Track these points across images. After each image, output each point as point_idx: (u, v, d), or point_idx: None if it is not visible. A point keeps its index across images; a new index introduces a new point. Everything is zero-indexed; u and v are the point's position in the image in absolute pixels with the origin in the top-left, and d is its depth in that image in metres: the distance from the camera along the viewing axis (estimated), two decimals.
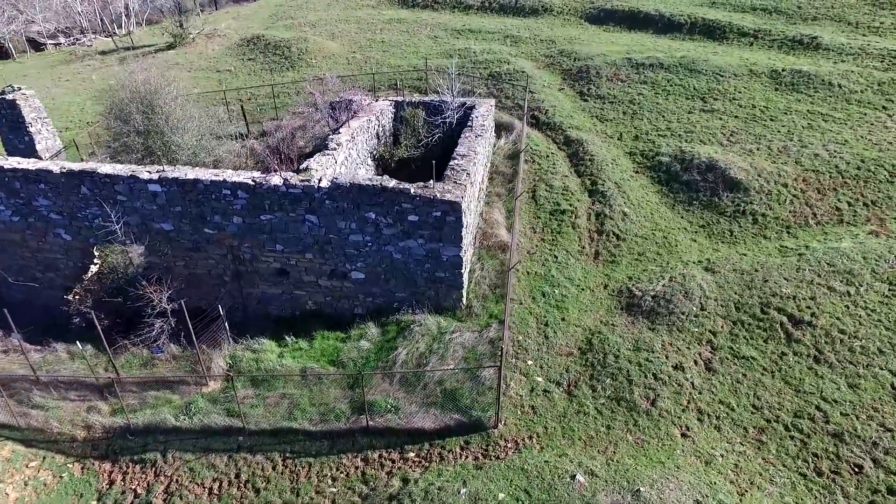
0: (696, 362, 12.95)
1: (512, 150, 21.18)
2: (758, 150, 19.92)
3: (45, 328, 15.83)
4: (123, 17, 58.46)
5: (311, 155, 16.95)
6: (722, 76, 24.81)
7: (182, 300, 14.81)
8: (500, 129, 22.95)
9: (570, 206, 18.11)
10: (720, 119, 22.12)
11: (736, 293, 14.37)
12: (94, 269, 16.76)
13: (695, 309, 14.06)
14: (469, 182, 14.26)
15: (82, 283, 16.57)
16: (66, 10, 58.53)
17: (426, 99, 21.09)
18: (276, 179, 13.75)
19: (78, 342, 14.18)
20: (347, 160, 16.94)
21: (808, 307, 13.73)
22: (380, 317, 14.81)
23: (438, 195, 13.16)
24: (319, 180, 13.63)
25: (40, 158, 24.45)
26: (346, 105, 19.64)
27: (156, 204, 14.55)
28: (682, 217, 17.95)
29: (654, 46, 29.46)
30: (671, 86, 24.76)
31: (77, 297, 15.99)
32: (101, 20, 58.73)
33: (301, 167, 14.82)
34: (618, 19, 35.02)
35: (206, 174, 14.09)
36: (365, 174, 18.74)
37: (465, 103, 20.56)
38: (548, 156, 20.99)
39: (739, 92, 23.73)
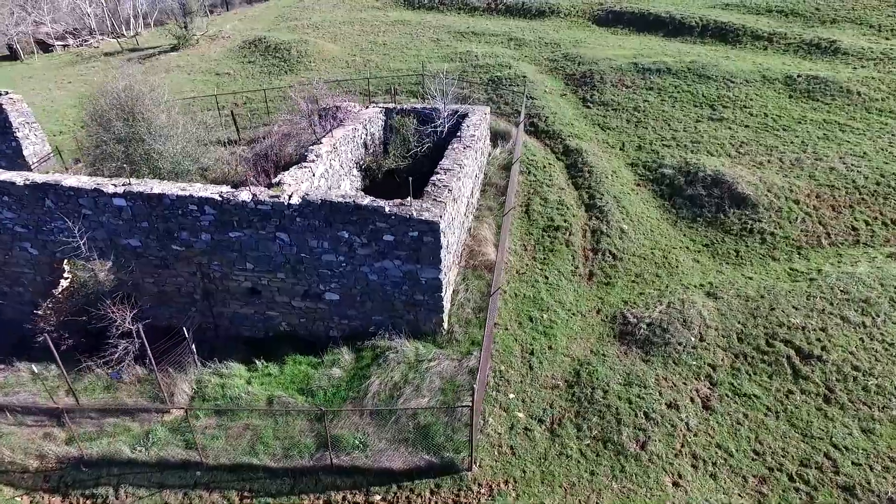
0: (692, 400, 11.87)
1: (507, 160, 20.19)
2: (768, 162, 18.71)
3: (12, 346, 15.23)
4: (132, 19, 58.38)
5: (297, 163, 16.15)
6: (733, 82, 23.57)
7: (149, 319, 14.15)
8: (497, 137, 21.98)
9: (565, 222, 17.06)
10: (729, 129, 20.91)
11: (739, 322, 13.25)
12: (65, 283, 16.11)
13: (693, 339, 12.97)
14: (451, 199, 13.32)
15: (53, 298, 15.92)
16: (75, 12, 58.59)
17: (418, 106, 20.20)
18: (244, 195, 12.93)
19: (33, 365, 13.49)
20: (328, 172, 16.08)
21: (819, 340, 12.57)
22: (355, 341, 13.93)
23: (415, 214, 12.24)
24: (290, 196, 12.78)
25: (27, 164, 24.05)
26: (333, 113, 18.82)
27: (121, 219, 13.82)
28: (684, 235, 16.82)
29: (663, 50, 28.24)
30: (678, 92, 23.57)
31: (45, 313, 15.32)
32: (111, 22, 58.68)
33: (274, 181, 13.99)
34: (626, 21, 33.82)
35: (172, 188, 13.32)
36: (350, 186, 17.89)
37: (457, 111, 19.62)
38: (544, 166, 19.95)
39: (751, 99, 22.49)
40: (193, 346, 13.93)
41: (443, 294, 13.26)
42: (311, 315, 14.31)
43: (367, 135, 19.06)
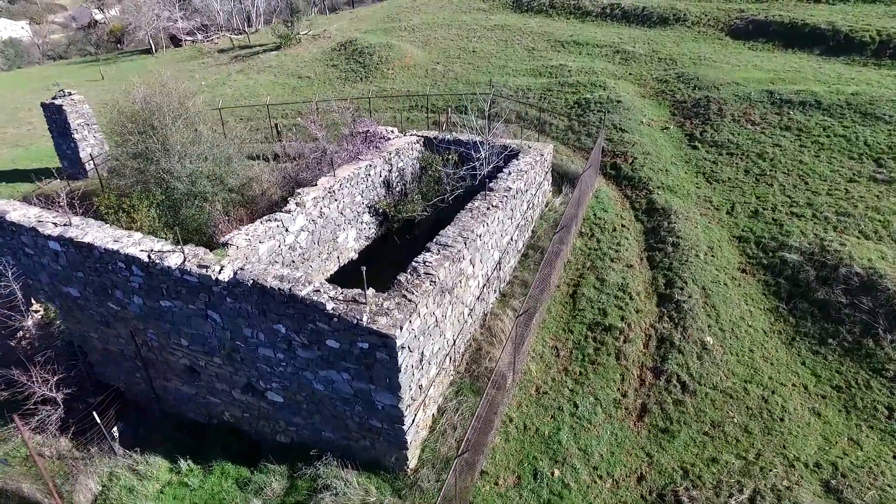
0: None
1: (566, 214, 15.64)
2: None
3: None
4: (253, 16, 60.25)
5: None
6: None
7: (71, 389, 11.98)
8: (564, 179, 17.43)
9: (622, 321, 12.30)
10: None
11: None
12: (37, 315, 14.58)
13: None
14: (432, 294, 9.41)
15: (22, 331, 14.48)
16: (206, 9, 61.64)
17: (462, 137, 16.32)
18: (172, 259, 10.07)
19: None
20: (315, 223, 12.86)
21: None
22: (299, 458, 10.55)
23: (364, 320, 8.53)
24: (220, 269, 9.69)
25: (83, 165, 23.83)
26: (352, 141, 15.64)
27: (59, 264, 11.70)
28: (803, 364, 11.31)
29: (815, 75, 21.55)
30: (828, 136, 17.28)
31: None
32: (236, 18, 61.04)
33: (222, 240, 11.03)
34: (771, 34, 26.94)
35: (103, 238, 10.85)
36: (354, 237, 14.56)
37: (506, 148, 15.50)
38: (614, 229, 15.14)
39: None
40: (116, 430, 11.52)
41: (405, 427, 9.42)
42: (255, 412, 11.21)
43: (391, 171, 15.59)
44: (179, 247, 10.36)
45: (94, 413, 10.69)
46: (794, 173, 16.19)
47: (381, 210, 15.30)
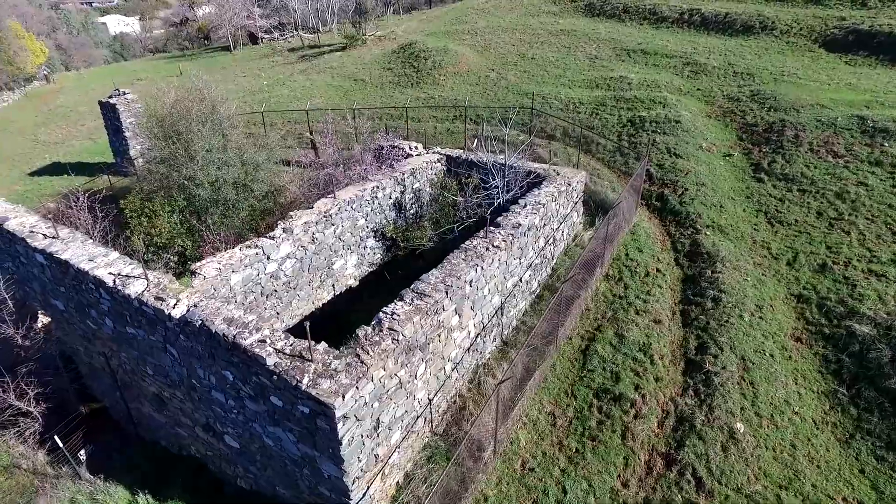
0: None
1: (592, 252, 13.87)
2: None
3: None
4: (328, 16, 61.21)
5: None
6: None
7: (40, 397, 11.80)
8: (600, 208, 15.59)
9: (636, 391, 10.49)
10: None
11: None
12: (44, 320, 14.74)
13: None
14: (392, 354, 8.18)
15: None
16: (284, 7, 63.27)
17: (485, 158, 14.91)
18: (133, 288, 9.49)
19: None
20: (306, 249, 11.97)
21: None
22: None
23: (304, 382, 7.46)
24: (175, 304, 8.96)
25: (132, 162, 24.50)
26: (366, 157, 14.67)
27: (46, 277, 11.54)
28: (861, 472, 9.07)
29: None
30: None
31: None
32: (312, 17, 62.28)
33: (192, 267, 10.35)
34: (875, 47, 23.35)
35: (79, 257, 10.49)
36: (354, 263, 13.57)
37: (531, 173, 13.97)
38: (647, 273, 13.21)
39: None
40: (83, 452, 11.19)
41: (352, 501, 8.27)
42: (216, 452, 10.48)
43: (403, 193, 14.48)
44: (144, 272, 9.77)
45: (56, 437, 10.36)
46: (879, 220, 13.49)
47: (388, 235, 14.23)
